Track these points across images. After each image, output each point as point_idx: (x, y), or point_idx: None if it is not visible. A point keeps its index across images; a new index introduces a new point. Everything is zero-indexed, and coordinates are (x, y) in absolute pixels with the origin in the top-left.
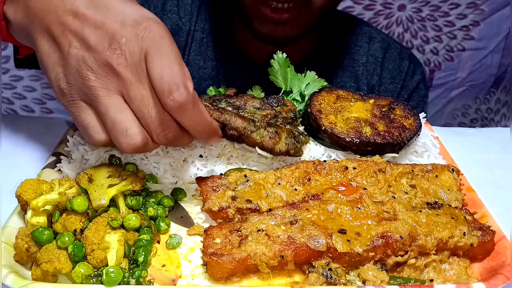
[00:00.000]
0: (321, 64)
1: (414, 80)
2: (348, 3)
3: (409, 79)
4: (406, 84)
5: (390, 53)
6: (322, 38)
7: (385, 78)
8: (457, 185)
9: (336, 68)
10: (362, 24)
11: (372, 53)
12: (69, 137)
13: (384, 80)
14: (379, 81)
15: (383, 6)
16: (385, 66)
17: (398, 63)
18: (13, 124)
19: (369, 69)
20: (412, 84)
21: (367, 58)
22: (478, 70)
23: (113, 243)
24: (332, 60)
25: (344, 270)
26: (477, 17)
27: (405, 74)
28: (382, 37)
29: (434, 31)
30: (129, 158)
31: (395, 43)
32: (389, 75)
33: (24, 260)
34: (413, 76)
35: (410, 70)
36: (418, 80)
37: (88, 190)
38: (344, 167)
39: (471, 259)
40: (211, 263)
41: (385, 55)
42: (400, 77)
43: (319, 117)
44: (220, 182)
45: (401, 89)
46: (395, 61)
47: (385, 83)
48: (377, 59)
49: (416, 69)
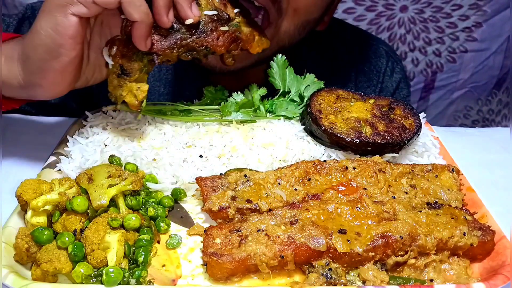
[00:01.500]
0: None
1: (393, 79)
2: (349, 4)
3: (388, 79)
4: (385, 85)
5: (364, 53)
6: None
7: (361, 82)
8: (457, 185)
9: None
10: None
11: (342, 57)
12: (69, 137)
13: (360, 85)
14: (355, 87)
15: (385, 7)
16: (360, 68)
17: (373, 63)
18: (13, 124)
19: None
20: (391, 85)
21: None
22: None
23: (113, 243)
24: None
25: (344, 270)
26: (479, 19)
27: (382, 74)
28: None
29: (436, 33)
30: (129, 158)
31: (370, 39)
32: (364, 78)
33: (24, 260)
34: (392, 75)
35: (388, 69)
36: (398, 79)
37: (88, 190)
38: (344, 167)
39: (471, 259)
40: (211, 263)
41: (358, 55)
42: (377, 79)
43: (319, 117)
44: (220, 182)
45: (380, 91)
46: (370, 60)
47: (361, 87)
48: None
49: (395, 67)
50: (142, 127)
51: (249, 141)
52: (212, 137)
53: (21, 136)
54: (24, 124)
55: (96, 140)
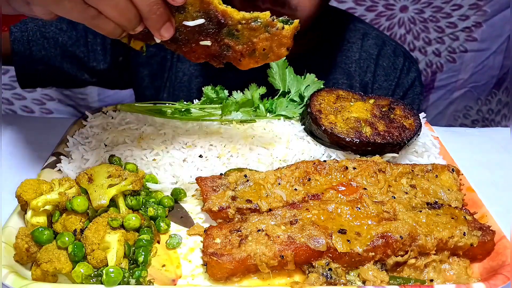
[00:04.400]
0: (313, 61)
1: (409, 77)
2: (350, 4)
3: (404, 77)
4: (401, 81)
5: (385, 50)
6: (315, 35)
7: (379, 76)
8: (457, 185)
9: (329, 65)
10: (355, 21)
11: (366, 49)
12: (69, 137)
13: (378, 78)
14: (373, 79)
15: (385, 7)
16: (379, 63)
17: (392, 60)
18: (13, 124)
19: (362, 66)
20: (407, 82)
21: (360, 55)
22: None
23: (113, 243)
24: (324, 57)
25: (344, 270)
26: (479, 18)
27: (399, 71)
28: (377, 33)
29: (436, 33)
30: (129, 158)
31: (390, 40)
32: (383, 72)
33: (24, 260)
34: (408, 74)
35: (405, 68)
36: (413, 77)
37: (88, 190)
38: (344, 167)
39: (471, 259)
40: (211, 263)
41: (379, 52)
42: (394, 75)
43: (319, 117)
44: (220, 182)
45: (396, 86)
46: (390, 58)
47: (379, 80)
48: (371, 56)
49: (411, 67)
50: (142, 127)
51: (249, 141)
52: (212, 137)
53: (21, 136)
54: (24, 124)
55: (96, 140)
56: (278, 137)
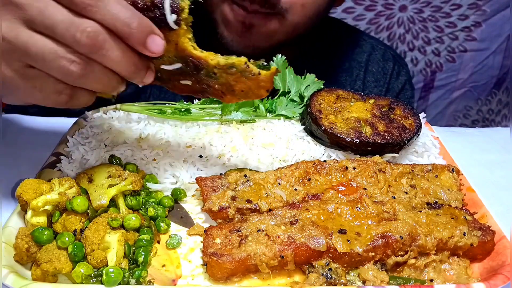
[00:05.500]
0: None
1: (399, 81)
2: (349, 4)
3: (394, 81)
4: (392, 86)
5: (374, 56)
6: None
7: (369, 82)
8: (457, 185)
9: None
10: (347, 29)
11: (355, 57)
12: (69, 137)
13: (368, 84)
14: (363, 85)
15: (384, 7)
16: (369, 69)
17: (382, 65)
18: (13, 124)
19: (352, 75)
20: (397, 86)
21: (349, 64)
22: (479, 71)
23: (113, 243)
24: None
25: (344, 270)
26: (479, 18)
27: (389, 76)
28: (365, 39)
29: (436, 32)
30: (129, 158)
31: (379, 44)
32: (373, 78)
33: (24, 260)
34: (398, 78)
35: (395, 72)
36: (403, 81)
37: (88, 190)
38: (344, 167)
39: (471, 259)
40: (211, 263)
41: (368, 57)
42: (384, 80)
43: (319, 117)
44: (220, 182)
45: (386, 91)
46: (379, 63)
47: (369, 86)
48: (360, 64)
49: (401, 70)
50: (142, 127)
51: (249, 141)
52: (212, 137)
53: (21, 136)
54: (24, 124)
55: (96, 140)
56: (278, 137)
